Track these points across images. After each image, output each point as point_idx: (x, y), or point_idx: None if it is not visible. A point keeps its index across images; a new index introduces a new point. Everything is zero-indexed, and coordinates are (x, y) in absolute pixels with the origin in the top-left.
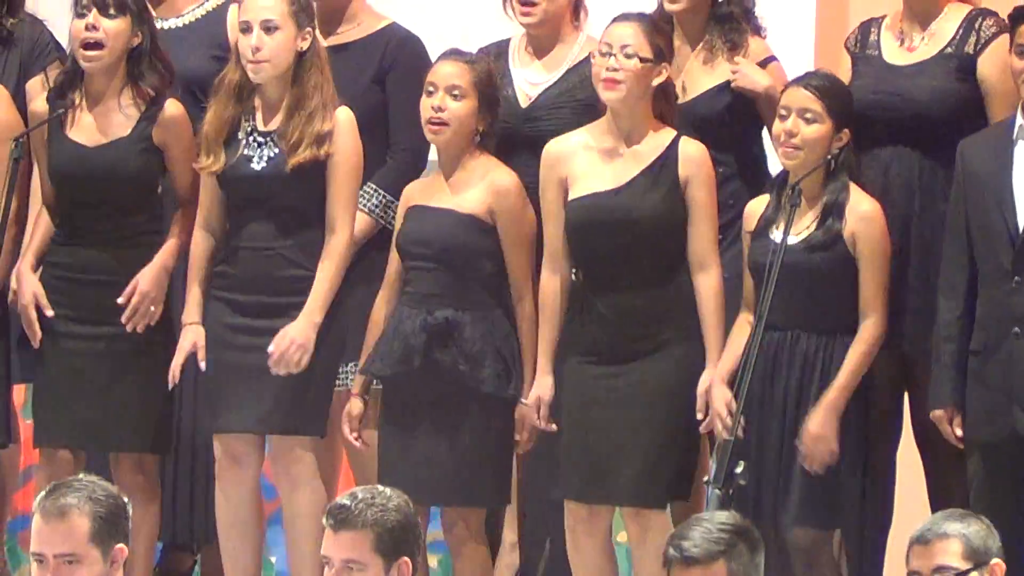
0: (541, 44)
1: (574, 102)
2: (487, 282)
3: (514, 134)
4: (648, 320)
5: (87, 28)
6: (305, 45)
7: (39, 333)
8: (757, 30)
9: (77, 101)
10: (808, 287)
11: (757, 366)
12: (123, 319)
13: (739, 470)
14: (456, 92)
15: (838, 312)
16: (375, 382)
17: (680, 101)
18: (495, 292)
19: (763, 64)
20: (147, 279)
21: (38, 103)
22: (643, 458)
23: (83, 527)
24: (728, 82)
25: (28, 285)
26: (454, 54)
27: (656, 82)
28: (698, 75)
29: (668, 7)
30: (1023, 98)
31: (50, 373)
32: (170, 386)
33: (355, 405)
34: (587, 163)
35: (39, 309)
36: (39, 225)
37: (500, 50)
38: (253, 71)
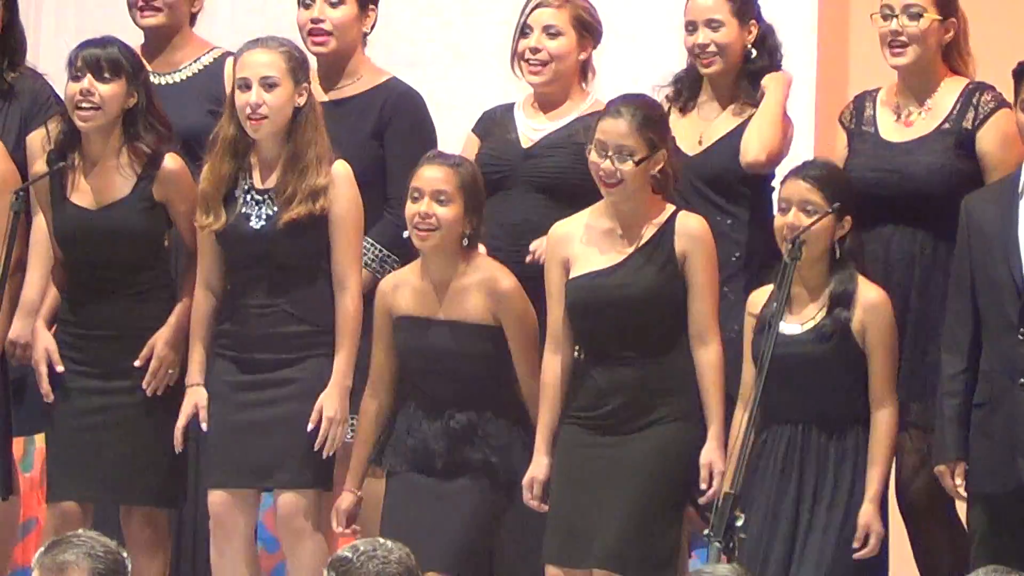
0: (549, 100)
1: (574, 145)
2: (502, 380)
3: (513, 173)
4: (644, 394)
5: (82, 93)
6: (302, 101)
7: (49, 389)
8: (779, 67)
9: (76, 163)
10: (817, 378)
11: (768, 463)
12: (143, 384)
13: (739, 523)
14: (442, 197)
15: (848, 403)
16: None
17: (694, 153)
18: (511, 388)
19: None
20: (163, 342)
21: (39, 165)
22: (621, 524)
23: None
24: (734, 133)
25: (41, 341)
26: (438, 158)
27: (654, 171)
28: (719, 126)
29: (704, 71)
30: None
31: (63, 428)
32: (176, 450)
33: (346, 499)
34: (586, 244)
35: (51, 365)
36: (50, 291)
37: (506, 107)
38: (252, 128)
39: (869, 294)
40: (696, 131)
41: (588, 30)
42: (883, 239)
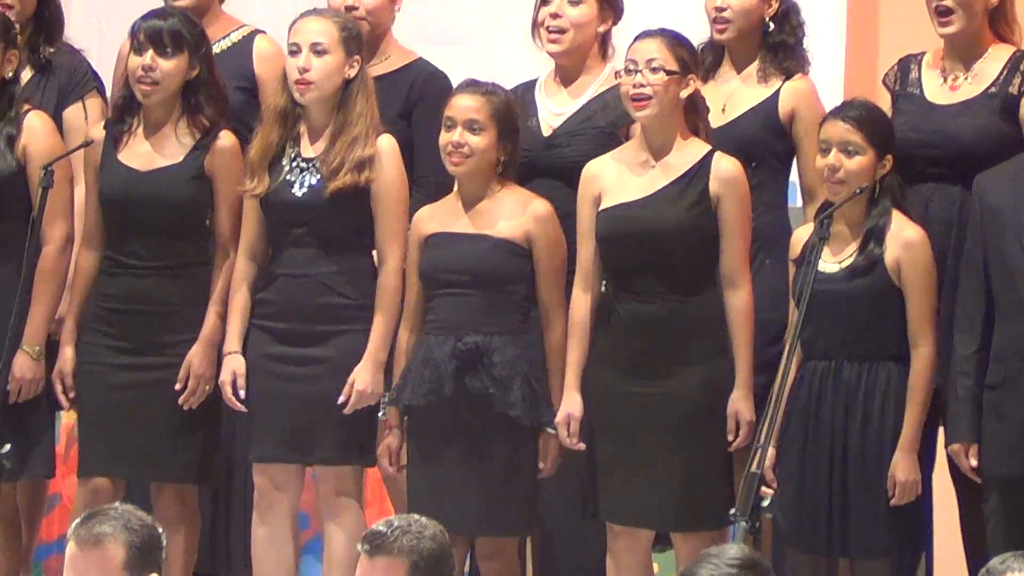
0: (568, 74)
1: (594, 129)
2: (518, 306)
3: (536, 162)
4: (671, 333)
5: (144, 68)
6: (352, 72)
7: (64, 403)
8: (806, 62)
9: (135, 126)
10: (849, 315)
11: (800, 397)
12: (180, 401)
13: (765, 503)
14: (475, 126)
15: (880, 339)
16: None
17: (719, 124)
18: (525, 317)
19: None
20: (199, 361)
21: (96, 131)
22: (684, 482)
23: (117, 556)
24: (768, 103)
25: (60, 358)
26: (471, 86)
27: (684, 94)
28: (741, 98)
29: (717, 37)
30: None
31: (95, 403)
32: (237, 407)
33: (394, 438)
34: (618, 177)
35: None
36: (76, 282)
37: (528, 86)
38: (299, 93)
39: (907, 231)
40: (719, 101)
41: (609, 2)
42: (922, 199)
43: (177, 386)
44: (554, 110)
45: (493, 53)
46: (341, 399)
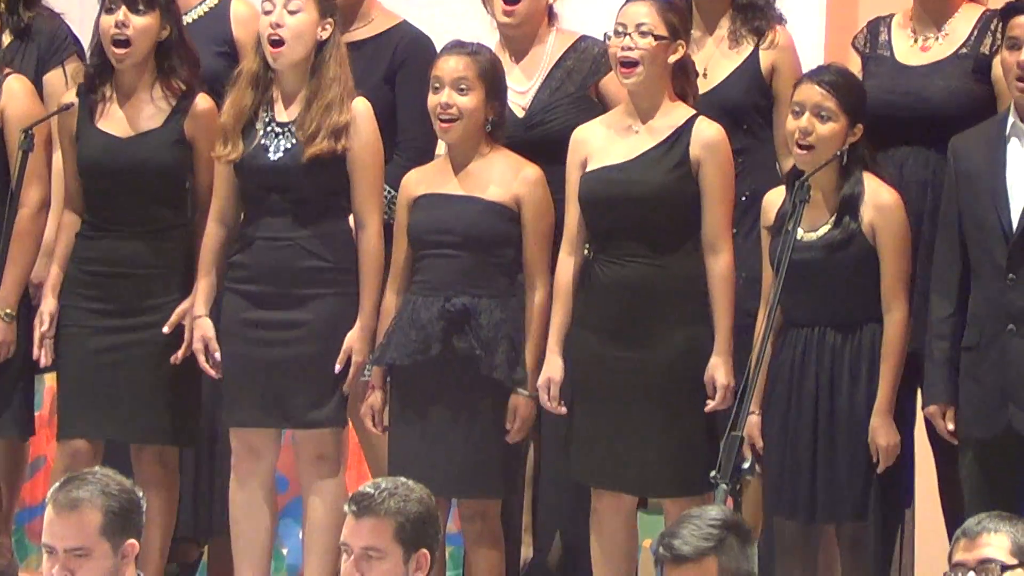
0: (518, 46)
1: (566, 98)
2: (506, 269)
3: (519, 144)
4: (650, 296)
5: (116, 25)
6: (325, 35)
7: (38, 354)
8: (780, 19)
9: (108, 94)
10: (830, 284)
11: (784, 363)
12: (172, 359)
13: (746, 465)
14: (463, 86)
15: (863, 303)
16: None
17: (703, 90)
18: (512, 280)
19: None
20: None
21: (68, 96)
22: (666, 447)
23: (95, 521)
24: (748, 64)
25: (44, 305)
26: (456, 47)
27: (672, 59)
28: (719, 61)
29: None
30: (1015, 95)
31: (75, 366)
32: (216, 376)
33: (377, 398)
34: (604, 140)
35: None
36: (61, 238)
37: None
38: (272, 57)
39: (882, 195)
40: (698, 66)
41: None
42: (896, 162)
43: (166, 330)
44: (517, 88)
45: (445, 13)
46: (338, 367)
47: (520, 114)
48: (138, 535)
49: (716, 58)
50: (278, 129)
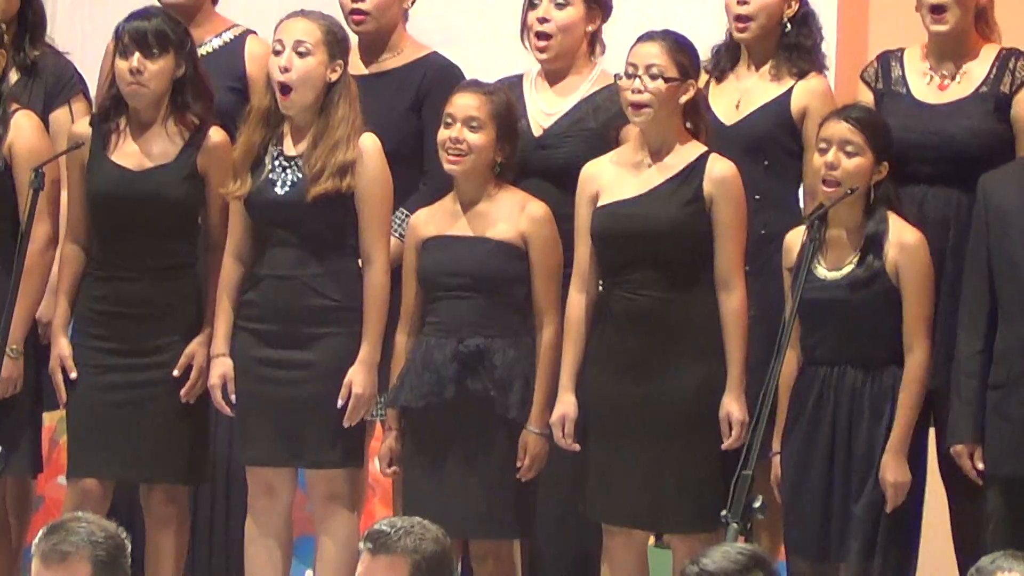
0: (556, 75)
1: (584, 131)
2: (518, 308)
3: (526, 162)
4: (662, 330)
5: (131, 72)
6: (335, 76)
7: (64, 396)
8: (823, 66)
9: (122, 126)
10: (852, 323)
11: (803, 402)
12: (182, 394)
13: (757, 504)
14: (474, 124)
15: (885, 343)
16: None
17: (731, 121)
18: (524, 319)
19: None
20: (202, 355)
21: (80, 126)
22: (679, 483)
23: (83, 572)
24: (780, 100)
25: (56, 347)
26: (472, 85)
27: (683, 99)
28: (755, 95)
29: (738, 36)
30: None
31: (85, 405)
32: (230, 413)
33: (393, 440)
34: (615, 176)
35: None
36: (64, 272)
37: (515, 81)
38: (283, 105)
39: (905, 235)
40: (733, 98)
41: (597, 1)
42: (915, 199)
43: (176, 373)
44: (545, 110)
45: (485, 53)
46: (340, 403)
47: (536, 132)
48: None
49: (753, 91)
50: (285, 163)
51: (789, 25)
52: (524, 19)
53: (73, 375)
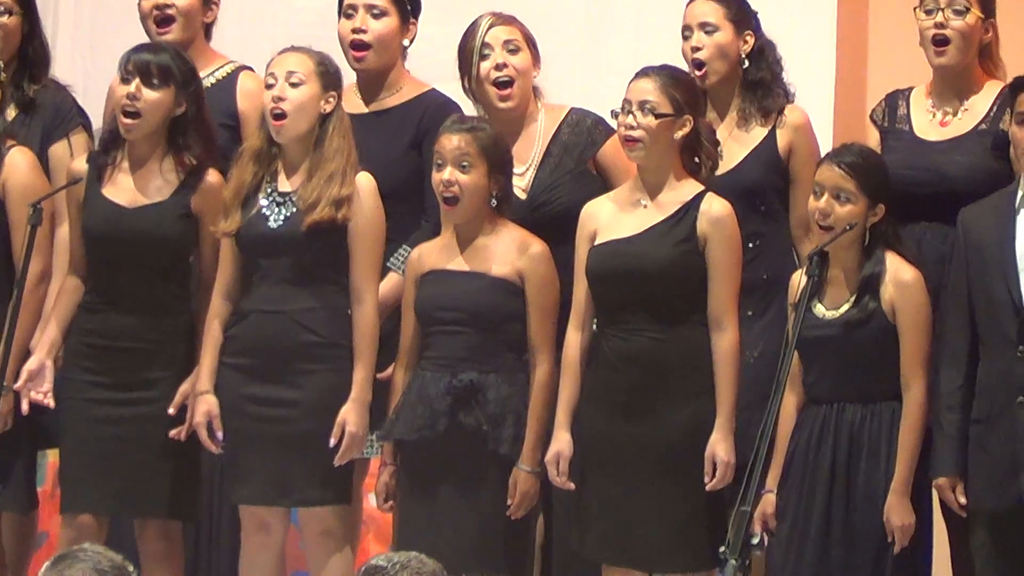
0: (511, 128)
1: (567, 175)
2: (513, 345)
3: (524, 223)
4: (655, 369)
5: (128, 96)
6: (328, 108)
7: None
8: (787, 95)
9: (119, 160)
10: (850, 361)
11: (801, 441)
12: (175, 433)
13: (755, 541)
14: (465, 163)
15: (882, 381)
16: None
17: (722, 172)
18: (519, 356)
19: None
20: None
21: (78, 163)
22: (673, 523)
23: None
24: (765, 145)
25: (43, 380)
26: (457, 123)
27: (679, 135)
28: (733, 145)
29: (701, 84)
30: None
31: (78, 440)
32: (217, 451)
33: (388, 475)
34: (612, 214)
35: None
36: (60, 300)
37: None
38: (275, 131)
39: (902, 274)
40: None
41: (534, 50)
42: (915, 237)
43: (171, 411)
44: (515, 171)
45: None
46: (332, 442)
47: (523, 196)
48: None
49: (729, 142)
50: (280, 199)
51: (748, 61)
52: (475, 73)
53: (43, 398)
